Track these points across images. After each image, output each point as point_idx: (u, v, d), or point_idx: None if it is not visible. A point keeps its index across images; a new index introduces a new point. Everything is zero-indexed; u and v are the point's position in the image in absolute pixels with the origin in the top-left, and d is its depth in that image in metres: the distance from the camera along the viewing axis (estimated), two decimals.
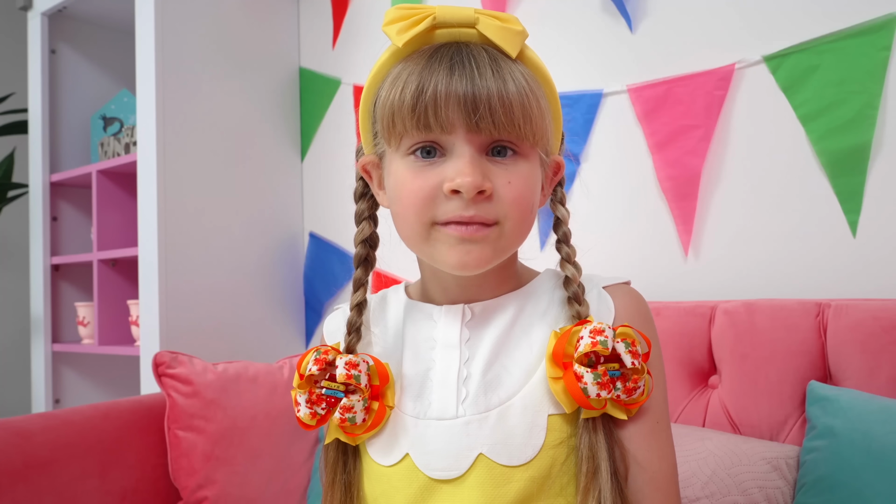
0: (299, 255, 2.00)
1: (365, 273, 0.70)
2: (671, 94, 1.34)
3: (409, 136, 0.61)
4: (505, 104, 0.58)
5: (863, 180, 1.16)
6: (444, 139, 0.60)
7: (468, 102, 0.58)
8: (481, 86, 0.58)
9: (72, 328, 2.05)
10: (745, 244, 1.28)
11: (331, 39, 1.96)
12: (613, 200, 1.43)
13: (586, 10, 1.48)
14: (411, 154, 0.61)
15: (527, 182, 0.62)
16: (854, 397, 0.94)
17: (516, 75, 0.60)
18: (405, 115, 0.59)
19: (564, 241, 0.69)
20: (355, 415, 0.62)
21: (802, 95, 1.21)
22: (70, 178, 1.96)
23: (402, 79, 0.60)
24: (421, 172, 0.60)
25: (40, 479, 1.13)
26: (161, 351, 1.38)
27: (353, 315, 0.67)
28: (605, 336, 0.60)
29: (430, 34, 0.62)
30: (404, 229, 0.64)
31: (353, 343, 0.67)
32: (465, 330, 0.66)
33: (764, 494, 0.94)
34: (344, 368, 0.63)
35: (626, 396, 0.61)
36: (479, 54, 0.60)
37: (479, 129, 0.59)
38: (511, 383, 0.63)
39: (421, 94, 0.58)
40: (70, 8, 1.99)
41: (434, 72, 0.59)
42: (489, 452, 0.61)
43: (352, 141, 1.88)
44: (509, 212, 0.60)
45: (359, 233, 0.71)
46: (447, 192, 0.59)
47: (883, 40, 1.13)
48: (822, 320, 1.05)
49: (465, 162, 0.59)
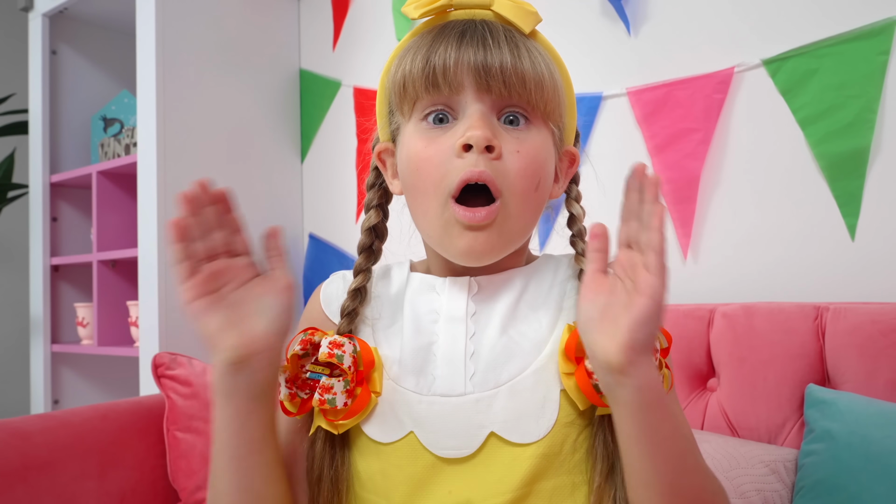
0: (299, 257, 2.00)
1: (366, 261, 0.68)
2: (670, 97, 1.34)
3: (420, 100, 0.61)
4: (517, 70, 0.59)
5: (861, 184, 1.16)
6: (455, 100, 0.60)
7: (479, 65, 0.58)
8: (493, 52, 0.59)
9: (71, 329, 2.05)
10: (744, 247, 1.28)
11: (331, 41, 1.96)
12: (612, 203, 1.43)
13: (586, 13, 1.49)
14: (424, 121, 0.61)
15: (537, 154, 0.61)
16: (852, 401, 0.94)
17: (531, 50, 0.61)
18: (415, 78, 0.60)
19: (580, 237, 0.68)
20: (335, 397, 0.60)
21: (801, 99, 1.21)
22: (70, 178, 1.96)
23: (412, 49, 0.62)
24: (433, 139, 0.61)
25: (39, 480, 1.13)
26: (160, 352, 1.38)
27: (347, 300, 0.66)
28: None
29: (445, 15, 0.63)
30: (421, 205, 0.62)
31: (345, 327, 0.65)
32: (472, 303, 0.63)
33: (762, 498, 0.94)
34: (327, 348, 0.61)
35: None
36: (493, 26, 0.61)
37: (490, 89, 0.59)
38: (522, 357, 0.61)
39: (431, 55, 0.59)
40: (71, 9, 2.00)
41: (445, 38, 0.60)
42: (501, 430, 0.59)
43: (352, 142, 1.88)
44: (514, 184, 0.59)
45: (365, 220, 0.70)
46: (458, 148, 0.58)
47: (882, 44, 1.13)
48: (821, 324, 1.05)
49: (475, 118, 0.59)
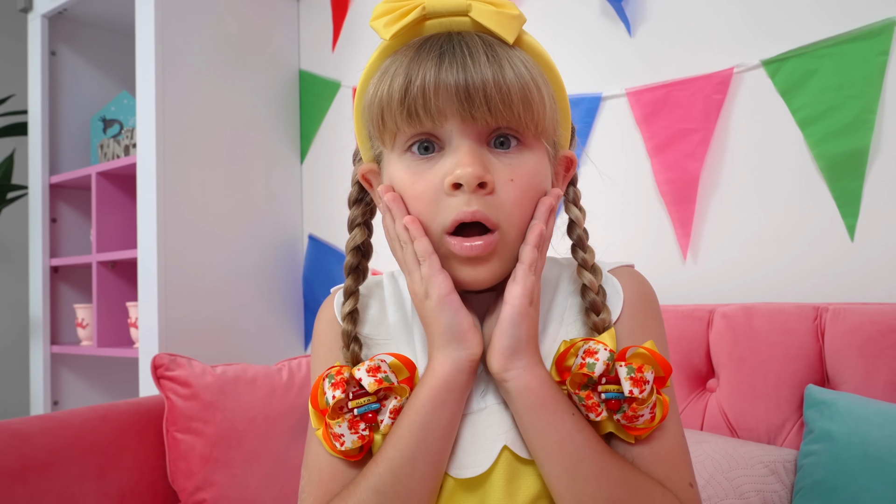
0: (298, 258, 2.00)
1: (355, 283, 0.66)
2: (670, 97, 1.35)
3: (401, 132, 0.57)
4: (502, 91, 0.54)
5: (861, 184, 1.16)
6: (439, 131, 0.56)
7: (460, 91, 0.54)
8: (475, 73, 0.54)
9: (71, 330, 2.05)
10: (744, 248, 1.28)
11: (330, 42, 1.96)
12: (612, 203, 1.43)
13: (585, 14, 1.49)
14: (408, 151, 0.58)
15: (532, 179, 0.58)
16: (851, 401, 0.94)
17: (515, 62, 0.56)
18: (394, 110, 0.56)
19: (580, 246, 0.65)
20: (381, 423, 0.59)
21: (801, 100, 1.21)
22: (70, 179, 1.96)
23: (389, 73, 0.57)
24: (420, 173, 0.57)
25: (38, 481, 1.13)
26: (160, 353, 1.38)
27: (347, 325, 0.64)
28: (595, 358, 0.56)
29: (419, 26, 0.58)
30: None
31: (357, 352, 0.63)
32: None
33: (761, 498, 0.94)
34: (369, 377, 0.58)
35: (628, 423, 0.57)
36: (472, 41, 0.56)
37: (475, 118, 0.55)
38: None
39: (409, 85, 0.55)
40: (70, 10, 2.00)
41: (423, 62, 0.55)
42: (512, 444, 0.58)
43: (351, 143, 1.87)
44: (510, 214, 0.57)
45: (350, 239, 0.66)
46: (448, 187, 0.55)
47: (881, 45, 1.13)
48: (820, 324, 1.05)
49: (463, 152, 0.55)
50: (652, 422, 0.57)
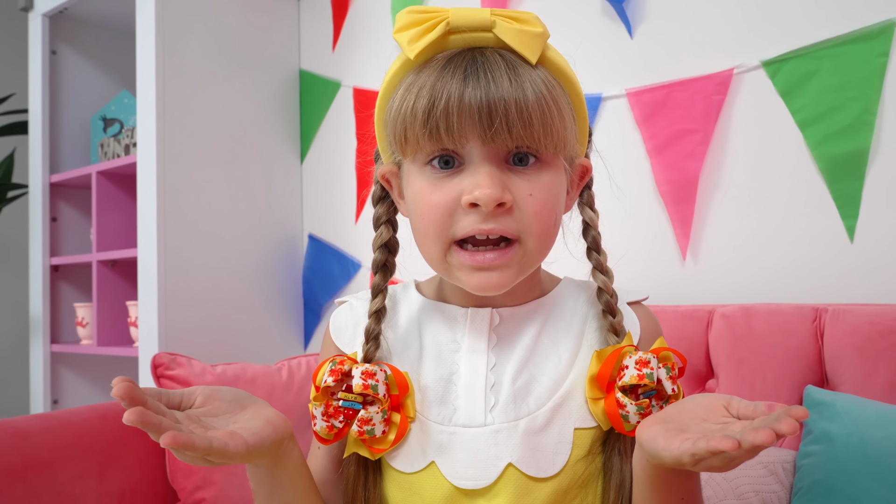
0: (298, 257, 2.00)
1: (383, 279, 0.67)
2: (670, 98, 1.35)
3: (423, 149, 0.58)
4: (522, 114, 0.55)
5: (860, 186, 1.16)
6: (460, 149, 0.57)
7: (482, 114, 0.55)
8: (497, 96, 0.55)
9: (71, 329, 2.05)
10: (743, 248, 1.28)
11: (331, 42, 1.96)
12: (611, 204, 1.43)
13: (586, 14, 1.49)
14: (428, 164, 0.59)
15: (550, 193, 0.59)
16: (850, 402, 0.94)
17: (536, 81, 0.56)
18: (417, 129, 0.57)
19: (595, 248, 0.66)
20: (374, 427, 0.60)
21: (801, 101, 1.21)
22: (70, 178, 1.96)
23: (413, 90, 0.57)
24: (439, 185, 0.58)
25: (38, 480, 1.13)
26: (160, 352, 1.38)
27: (372, 323, 0.65)
28: (650, 368, 0.59)
29: (443, 40, 0.58)
30: (423, 247, 0.62)
31: (372, 352, 0.64)
32: (493, 335, 0.64)
33: (760, 499, 0.94)
34: (360, 378, 0.60)
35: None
36: (495, 61, 0.56)
37: (494, 141, 0.56)
38: (540, 393, 0.62)
39: (433, 107, 0.55)
40: (71, 9, 2.00)
41: (447, 83, 0.56)
42: (518, 463, 0.60)
43: (352, 143, 1.88)
44: (531, 226, 0.58)
45: (377, 237, 0.67)
46: (465, 205, 0.57)
47: (881, 46, 1.13)
48: (819, 325, 1.05)
49: (483, 174, 0.56)
50: None
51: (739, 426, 0.49)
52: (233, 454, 0.52)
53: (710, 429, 0.51)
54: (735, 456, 0.46)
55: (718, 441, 0.45)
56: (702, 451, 0.46)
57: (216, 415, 0.56)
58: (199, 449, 0.49)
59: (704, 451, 0.46)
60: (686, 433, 0.50)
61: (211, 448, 0.50)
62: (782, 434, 0.44)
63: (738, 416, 0.52)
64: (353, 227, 1.87)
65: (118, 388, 0.49)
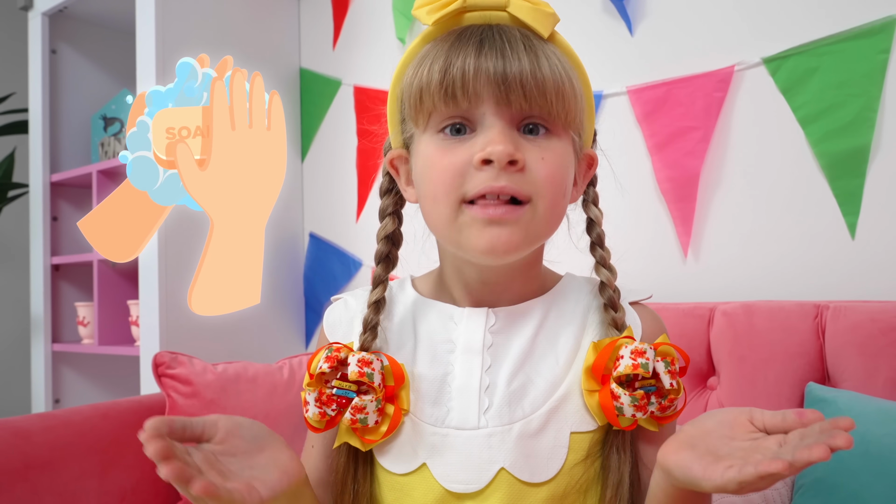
0: (299, 256, 2.00)
1: (385, 270, 0.68)
2: (671, 95, 1.34)
3: (437, 112, 0.59)
4: (538, 80, 0.56)
5: (861, 182, 1.16)
6: (474, 113, 0.58)
7: (498, 77, 0.56)
8: (512, 61, 0.56)
9: (72, 328, 2.05)
10: (744, 246, 1.28)
11: (331, 40, 1.96)
12: (612, 202, 1.43)
13: (586, 12, 1.49)
14: (440, 132, 0.59)
15: (561, 160, 0.59)
16: (852, 399, 0.94)
17: (550, 55, 0.58)
18: (433, 90, 0.57)
19: (599, 244, 0.67)
20: (367, 416, 0.60)
21: (802, 97, 1.21)
22: (70, 178, 1.96)
23: (429, 57, 0.59)
24: (450, 149, 0.58)
25: (40, 479, 1.13)
26: (161, 351, 1.38)
27: (370, 313, 0.65)
28: (646, 358, 0.59)
29: (459, 17, 0.60)
30: (432, 213, 0.61)
31: (369, 341, 0.64)
32: (489, 335, 0.63)
33: (762, 496, 0.94)
34: (356, 366, 0.60)
35: (660, 413, 0.60)
36: (510, 33, 0.58)
37: (510, 102, 0.57)
38: (535, 396, 0.61)
39: (449, 67, 0.57)
40: (70, 8, 2.00)
41: (462, 47, 0.57)
42: (511, 467, 0.59)
43: (352, 141, 1.88)
44: (543, 188, 0.58)
45: (382, 228, 0.68)
46: (477, 162, 0.57)
47: (882, 43, 1.13)
48: (821, 322, 1.05)
49: (496, 132, 0.57)
50: (676, 410, 0.61)
51: (773, 441, 0.48)
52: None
53: (745, 448, 0.49)
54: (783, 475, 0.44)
55: (768, 465, 0.44)
56: (750, 478, 0.45)
57: (234, 454, 0.55)
58: (221, 500, 0.49)
59: (753, 476, 0.44)
60: (725, 460, 0.48)
61: (232, 501, 0.50)
62: (839, 448, 0.42)
63: (765, 430, 0.51)
64: (353, 226, 1.87)
65: (153, 450, 0.48)
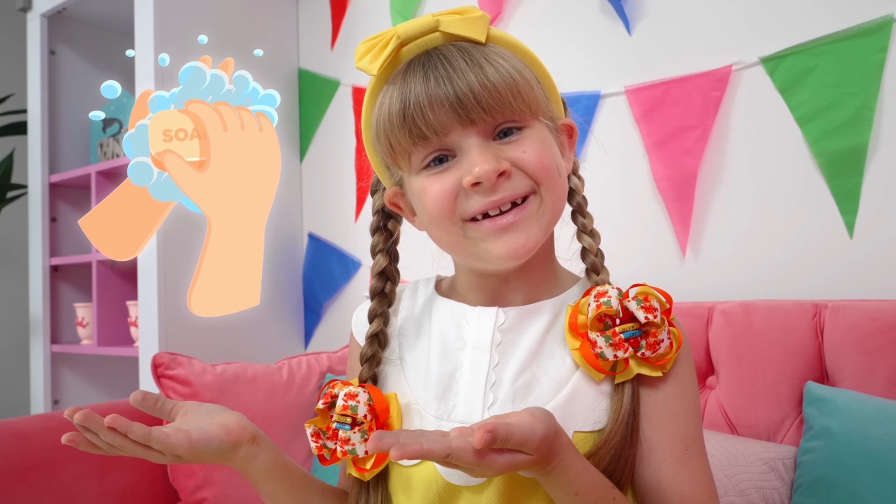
0: (298, 256, 2.00)
1: (380, 305, 0.69)
2: (668, 95, 1.34)
3: (414, 153, 0.61)
4: (489, 90, 0.58)
5: (859, 181, 1.16)
6: (446, 142, 0.60)
7: (452, 101, 0.58)
8: (459, 81, 0.58)
9: (71, 329, 2.05)
10: (742, 245, 1.28)
11: (329, 40, 1.96)
12: (610, 201, 1.43)
13: (584, 12, 1.49)
14: (425, 169, 0.61)
15: (542, 145, 0.61)
16: (851, 398, 0.94)
17: (491, 57, 0.60)
18: (398, 133, 0.60)
19: (579, 212, 0.69)
20: (354, 447, 0.62)
21: (799, 97, 1.21)
22: (69, 178, 1.96)
23: (385, 102, 0.61)
24: (438, 178, 0.60)
25: (39, 480, 1.13)
26: (160, 352, 1.38)
27: (366, 347, 0.68)
28: (608, 296, 0.61)
29: (399, 54, 0.62)
30: (440, 237, 0.63)
31: (365, 374, 0.67)
32: (497, 333, 0.65)
33: (761, 495, 0.94)
34: (342, 400, 0.63)
35: (652, 353, 0.61)
36: (449, 53, 0.60)
37: (473, 120, 0.59)
38: (541, 394, 0.62)
39: (405, 107, 0.59)
40: (69, 9, 2.00)
41: (412, 84, 0.59)
42: None
43: (351, 142, 1.88)
44: (536, 175, 0.60)
45: (375, 265, 0.71)
46: (467, 186, 0.59)
47: (879, 42, 1.13)
48: (819, 321, 1.05)
49: (475, 153, 0.58)
50: (671, 349, 0.62)
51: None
52: (174, 445, 0.57)
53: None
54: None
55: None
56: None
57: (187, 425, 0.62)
58: (137, 434, 0.55)
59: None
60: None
61: (150, 436, 0.56)
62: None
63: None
64: (352, 226, 1.87)
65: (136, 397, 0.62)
